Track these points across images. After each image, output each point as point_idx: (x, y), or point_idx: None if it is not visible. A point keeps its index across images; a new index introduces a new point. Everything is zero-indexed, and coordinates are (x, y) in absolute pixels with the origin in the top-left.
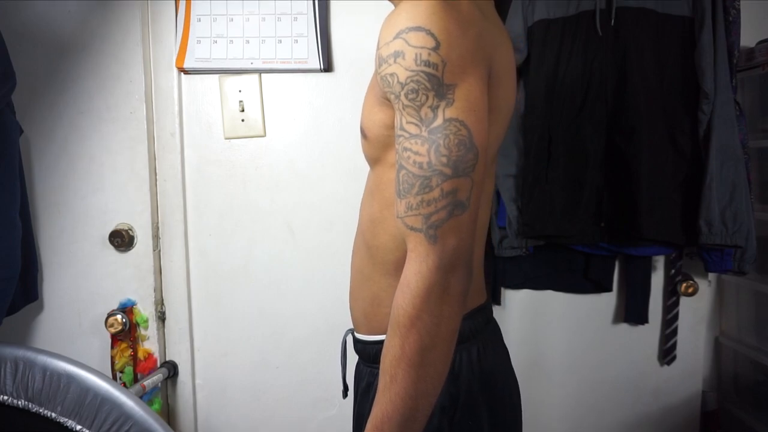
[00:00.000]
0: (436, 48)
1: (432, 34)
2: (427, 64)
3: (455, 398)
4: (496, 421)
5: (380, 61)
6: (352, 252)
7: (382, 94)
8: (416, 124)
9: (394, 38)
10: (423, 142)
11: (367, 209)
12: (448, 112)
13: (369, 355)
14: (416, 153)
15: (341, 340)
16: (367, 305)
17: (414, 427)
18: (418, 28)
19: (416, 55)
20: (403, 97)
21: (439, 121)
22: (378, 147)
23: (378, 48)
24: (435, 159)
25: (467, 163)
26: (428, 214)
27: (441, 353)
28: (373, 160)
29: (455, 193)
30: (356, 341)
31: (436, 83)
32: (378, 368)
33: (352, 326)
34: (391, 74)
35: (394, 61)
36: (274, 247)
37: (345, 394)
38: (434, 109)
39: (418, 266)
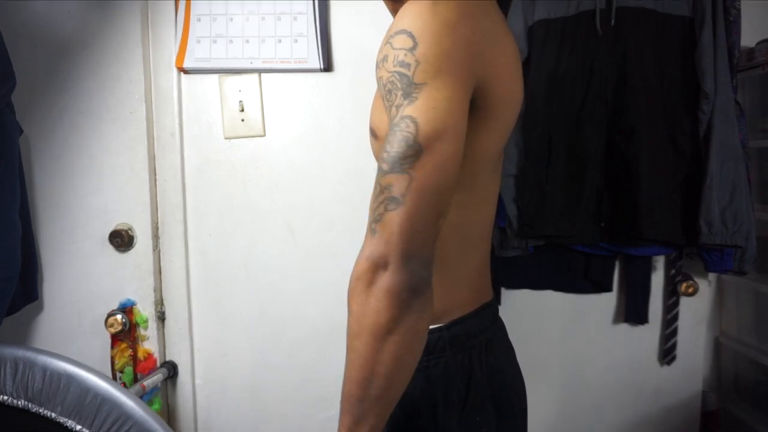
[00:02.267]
0: (412, 48)
1: (412, 36)
2: (402, 64)
3: (462, 394)
4: (503, 416)
5: (376, 66)
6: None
7: None
8: (389, 124)
9: (385, 43)
10: (385, 141)
11: None
12: (406, 110)
13: None
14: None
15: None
16: None
17: (354, 410)
18: (401, 32)
19: (394, 56)
20: (384, 99)
21: (396, 119)
22: None
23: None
24: (382, 156)
25: (404, 159)
26: (373, 208)
27: (364, 344)
28: None
29: (389, 189)
30: None
31: (405, 83)
32: None
33: None
34: (379, 78)
35: (382, 65)
36: (274, 247)
37: None
38: (398, 107)
39: (358, 256)
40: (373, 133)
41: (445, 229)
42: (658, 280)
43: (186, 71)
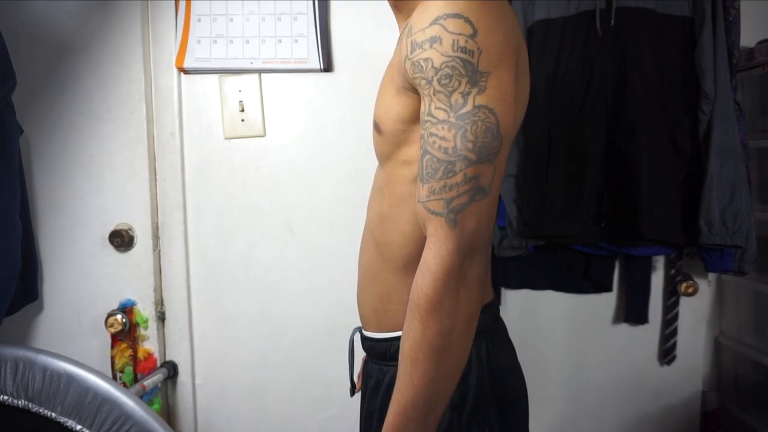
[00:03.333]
0: (473, 35)
1: (470, 22)
2: (464, 50)
3: (464, 395)
4: (505, 417)
5: (413, 46)
6: (360, 250)
7: (405, 83)
8: (445, 110)
9: (431, 24)
10: (450, 128)
11: (376, 206)
12: (479, 99)
13: (378, 352)
14: (442, 138)
15: (348, 339)
16: (376, 302)
17: (436, 411)
18: (456, 15)
19: (453, 41)
20: (435, 83)
21: (468, 107)
22: (392, 143)
23: (411, 34)
24: (461, 144)
25: (492, 150)
26: (450, 198)
27: (460, 336)
28: (385, 157)
29: (477, 179)
30: (365, 339)
31: (470, 70)
32: (388, 365)
33: (358, 324)
34: (426, 59)
35: (430, 46)
36: (274, 247)
37: (352, 392)
38: (465, 95)
39: (437, 250)
40: (377, 128)
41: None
42: (658, 280)
43: (186, 71)
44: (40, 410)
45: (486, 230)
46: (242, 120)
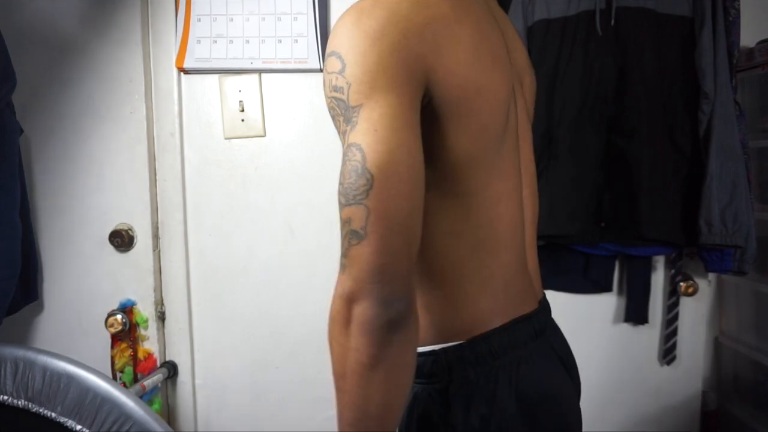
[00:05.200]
0: (341, 71)
1: (339, 56)
2: (335, 89)
3: (487, 420)
4: None
5: None
6: None
7: None
8: None
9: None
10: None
11: None
12: (351, 137)
13: None
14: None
15: None
16: None
17: None
18: (331, 53)
19: (328, 82)
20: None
21: (344, 148)
22: None
23: None
24: (338, 188)
25: (357, 189)
26: (341, 243)
27: (351, 384)
28: None
29: (350, 222)
30: None
31: (343, 107)
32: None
33: None
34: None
35: (324, 92)
36: (274, 247)
37: None
38: (344, 134)
39: (333, 294)
40: None
41: (442, 240)
42: (658, 280)
43: (186, 71)
44: (40, 410)
45: (373, 276)
46: (242, 120)
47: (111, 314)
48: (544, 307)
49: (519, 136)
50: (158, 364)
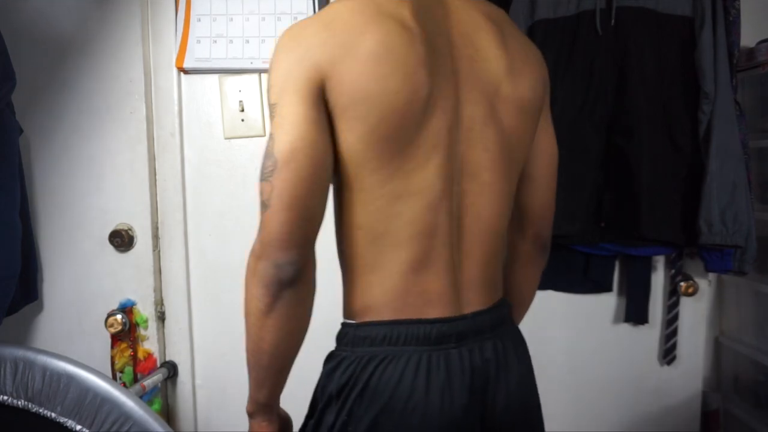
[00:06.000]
0: (268, 78)
1: (269, 67)
2: (266, 92)
3: (344, 395)
4: None
5: None
6: None
7: None
8: None
9: None
10: None
11: None
12: (270, 128)
13: None
14: None
15: None
16: None
17: (254, 375)
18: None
19: (266, 87)
20: None
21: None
22: None
23: None
24: None
25: (267, 169)
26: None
27: (250, 323)
28: None
29: (261, 195)
30: None
31: (270, 106)
32: None
33: None
34: None
35: None
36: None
37: None
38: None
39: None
40: None
41: (351, 230)
42: (658, 280)
43: (186, 71)
44: (40, 410)
45: (272, 240)
46: (242, 120)
47: (111, 314)
48: (476, 321)
49: (466, 140)
50: (158, 364)
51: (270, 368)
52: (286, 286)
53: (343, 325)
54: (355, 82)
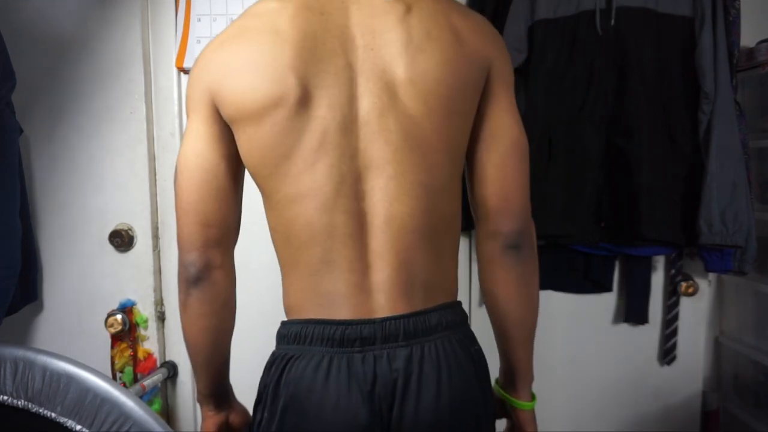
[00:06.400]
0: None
1: None
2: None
3: (262, 391)
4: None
5: None
6: None
7: None
8: None
9: None
10: None
11: None
12: None
13: None
14: None
15: None
16: None
17: (192, 366)
18: None
19: None
20: None
21: None
22: None
23: None
24: None
25: (173, 180)
26: None
27: (180, 315)
28: None
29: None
30: None
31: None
32: None
33: None
34: None
35: None
36: (264, 258)
37: None
38: None
39: None
40: None
41: (271, 233)
42: (658, 280)
43: (186, 71)
44: (40, 410)
45: (179, 240)
46: None
47: (111, 314)
48: (386, 326)
49: (364, 135)
50: (158, 364)
51: (195, 360)
52: (191, 285)
53: (280, 323)
54: (232, 96)
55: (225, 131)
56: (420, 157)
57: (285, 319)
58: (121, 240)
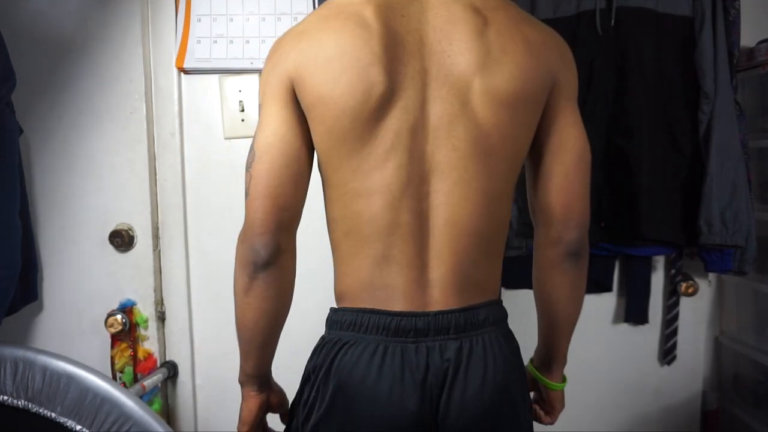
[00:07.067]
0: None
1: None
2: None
3: (310, 373)
4: (339, 421)
5: None
6: None
7: None
8: None
9: None
10: None
11: None
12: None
13: None
14: None
15: None
16: None
17: (241, 348)
18: None
19: None
20: None
21: None
22: None
23: None
24: None
25: (248, 161)
26: None
27: (236, 299)
28: None
29: (245, 183)
30: None
31: (259, 107)
32: None
33: None
34: None
35: None
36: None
37: None
38: None
39: None
40: None
41: (330, 223)
42: (658, 280)
43: (186, 71)
44: (40, 410)
45: (248, 226)
46: (242, 120)
47: (111, 314)
48: (439, 319)
49: (433, 140)
50: (158, 364)
51: (251, 342)
52: (260, 269)
53: (330, 309)
54: (314, 85)
55: (303, 118)
56: (484, 165)
57: (335, 305)
58: (121, 240)
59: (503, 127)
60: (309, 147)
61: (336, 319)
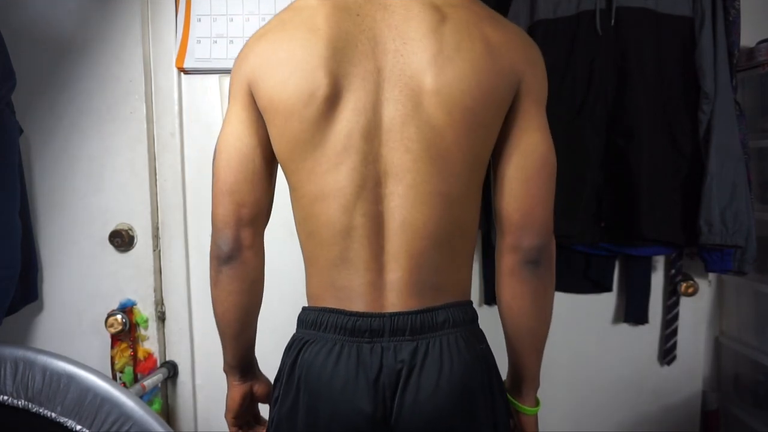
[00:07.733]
0: None
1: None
2: None
3: (282, 369)
4: (312, 417)
5: None
6: None
7: None
8: None
9: None
10: None
11: None
12: None
13: None
14: None
15: None
16: None
17: (220, 339)
18: None
19: None
20: None
21: None
22: None
23: None
24: None
25: (212, 160)
26: None
27: (210, 291)
28: None
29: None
30: None
31: None
32: None
33: None
34: None
35: None
36: (274, 248)
37: None
38: None
39: None
40: None
41: (296, 225)
42: (658, 280)
43: (186, 71)
44: (40, 410)
45: (213, 219)
46: None
47: (111, 314)
48: (394, 321)
49: (386, 142)
50: (158, 364)
51: (224, 334)
52: (223, 263)
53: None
54: (266, 88)
55: (262, 119)
56: (439, 167)
57: (306, 304)
58: (121, 240)
59: (458, 128)
60: (267, 147)
61: (302, 318)
